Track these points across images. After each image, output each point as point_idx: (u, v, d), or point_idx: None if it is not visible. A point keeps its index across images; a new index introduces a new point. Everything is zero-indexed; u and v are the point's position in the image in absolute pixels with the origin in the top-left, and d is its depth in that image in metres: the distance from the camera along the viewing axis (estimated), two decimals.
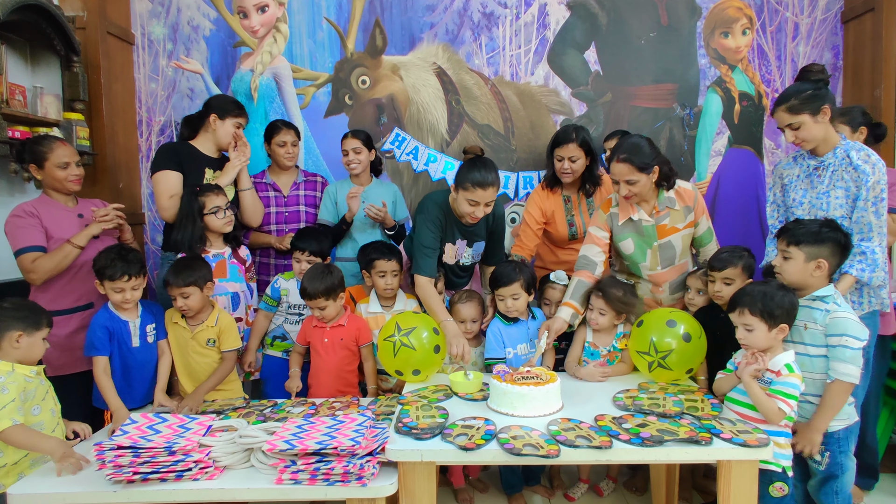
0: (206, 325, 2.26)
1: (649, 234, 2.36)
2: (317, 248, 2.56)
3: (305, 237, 2.60)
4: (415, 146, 3.41)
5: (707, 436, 1.69)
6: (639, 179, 2.22)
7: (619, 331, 2.35)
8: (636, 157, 2.21)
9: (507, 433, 1.73)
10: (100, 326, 2.11)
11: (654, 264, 2.40)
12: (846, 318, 1.86)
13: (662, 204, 2.34)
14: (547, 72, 3.39)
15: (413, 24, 3.37)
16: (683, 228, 2.37)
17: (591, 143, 2.67)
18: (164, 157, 2.63)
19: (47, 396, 1.89)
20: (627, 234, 2.38)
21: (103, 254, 2.14)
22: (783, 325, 1.85)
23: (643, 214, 2.34)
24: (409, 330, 2.18)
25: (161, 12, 3.34)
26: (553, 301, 2.49)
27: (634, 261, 2.42)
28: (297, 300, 2.52)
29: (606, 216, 2.42)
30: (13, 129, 2.49)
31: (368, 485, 1.61)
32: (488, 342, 2.40)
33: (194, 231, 2.41)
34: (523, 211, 2.88)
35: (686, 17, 3.36)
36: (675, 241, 2.37)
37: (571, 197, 2.78)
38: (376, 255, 2.48)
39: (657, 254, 2.38)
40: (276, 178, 2.95)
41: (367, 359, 2.43)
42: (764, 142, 3.40)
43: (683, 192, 2.36)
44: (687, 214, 2.36)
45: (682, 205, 2.35)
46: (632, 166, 2.21)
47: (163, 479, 1.61)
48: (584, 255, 2.42)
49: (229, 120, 2.70)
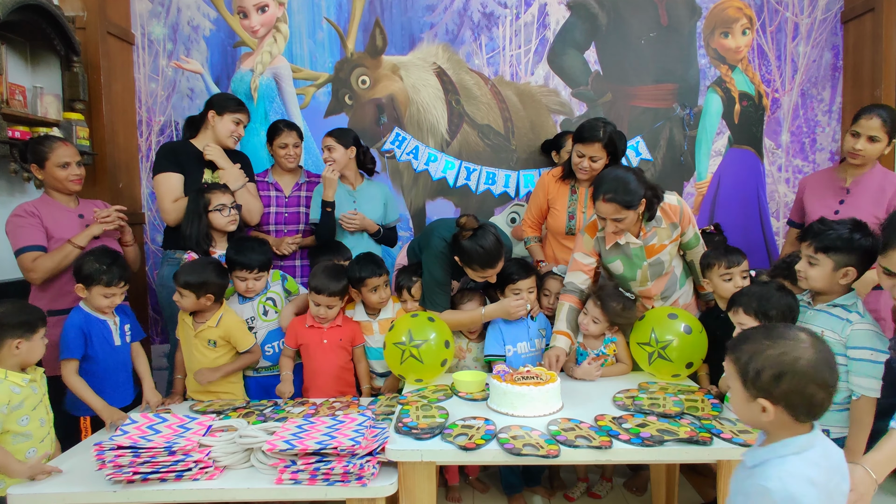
0: (207, 325, 2.24)
1: (638, 255, 2.32)
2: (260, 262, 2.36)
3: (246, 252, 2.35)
4: (415, 146, 3.41)
5: (707, 436, 1.69)
6: (626, 216, 2.16)
7: (607, 337, 2.35)
8: (622, 195, 2.11)
9: (507, 433, 1.73)
10: (74, 328, 2.06)
11: (644, 281, 2.37)
12: (869, 331, 1.73)
13: (649, 225, 2.29)
14: (547, 72, 3.39)
15: (413, 24, 3.37)
16: (670, 243, 2.33)
17: (616, 142, 2.50)
18: (163, 158, 2.63)
19: (39, 406, 1.82)
20: (616, 256, 2.35)
21: (91, 259, 2.09)
22: None
23: (630, 238, 2.28)
24: (420, 342, 2.13)
25: (161, 12, 3.34)
26: (553, 292, 2.51)
27: (625, 279, 2.38)
28: (243, 315, 2.38)
29: (593, 241, 2.37)
30: (13, 129, 2.49)
31: (368, 485, 1.61)
32: (488, 339, 2.39)
33: (200, 228, 2.42)
34: (530, 195, 2.86)
35: (686, 17, 3.36)
36: (664, 256, 2.34)
37: (579, 189, 2.68)
38: (366, 274, 2.35)
39: (647, 272, 2.35)
40: (279, 178, 2.94)
41: (360, 360, 2.43)
42: (764, 142, 3.40)
43: (669, 209, 2.30)
44: (673, 231, 2.32)
45: (668, 222, 2.30)
46: (618, 206, 2.12)
47: (163, 479, 1.61)
48: (569, 281, 2.38)
49: (227, 116, 2.68)
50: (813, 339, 1.14)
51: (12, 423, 1.73)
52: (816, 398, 1.11)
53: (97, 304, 2.10)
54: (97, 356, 2.10)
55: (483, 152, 3.41)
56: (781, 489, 1.08)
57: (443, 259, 2.37)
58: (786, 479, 1.09)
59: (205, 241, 2.44)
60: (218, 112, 2.68)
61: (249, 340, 2.29)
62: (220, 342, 2.26)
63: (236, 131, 2.74)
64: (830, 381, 1.11)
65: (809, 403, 1.11)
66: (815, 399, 1.11)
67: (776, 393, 1.11)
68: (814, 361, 1.10)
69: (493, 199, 3.40)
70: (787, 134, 3.38)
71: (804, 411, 1.12)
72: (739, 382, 1.16)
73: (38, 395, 1.82)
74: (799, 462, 1.11)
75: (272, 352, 2.40)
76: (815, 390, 1.10)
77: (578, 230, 2.64)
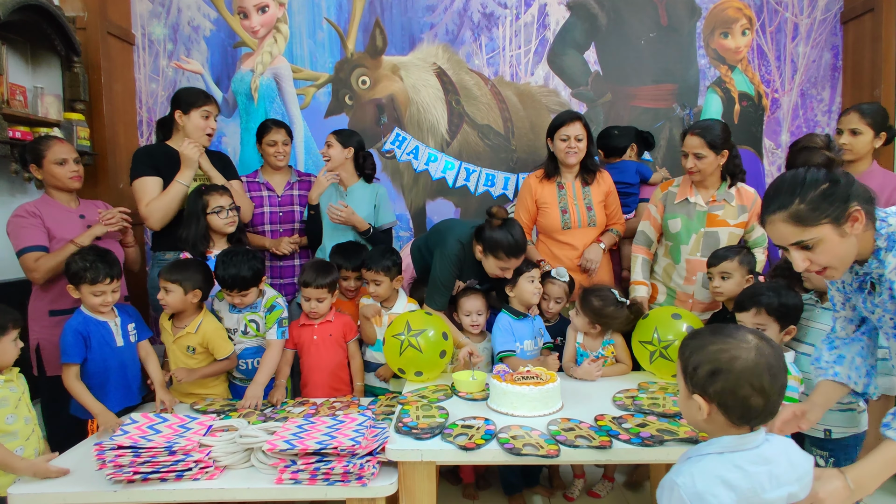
0: (186, 330, 2.21)
1: (699, 218, 2.44)
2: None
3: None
4: (415, 146, 3.41)
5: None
6: (707, 156, 2.35)
7: (605, 339, 2.35)
8: (709, 133, 2.33)
9: (507, 433, 1.73)
10: (73, 332, 2.03)
11: (695, 250, 2.45)
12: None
13: (720, 195, 2.44)
14: (547, 72, 3.39)
15: (413, 25, 3.37)
16: (734, 226, 2.42)
17: (589, 128, 2.66)
18: (139, 163, 2.55)
19: (20, 404, 1.80)
20: (678, 213, 2.48)
21: (77, 257, 2.07)
22: (791, 327, 1.84)
23: (699, 199, 2.44)
24: (418, 331, 2.17)
25: (161, 12, 3.35)
26: (552, 297, 2.50)
27: (678, 241, 2.49)
28: (229, 323, 2.35)
29: (662, 195, 2.56)
30: (14, 130, 2.49)
31: (368, 485, 1.61)
32: (499, 336, 2.37)
33: (198, 229, 2.41)
34: (516, 200, 2.85)
35: (686, 17, 3.36)
36: (722, 234, 2.43)
37: (566, 184, 2.70)
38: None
39: (701, 240, 2.44)
40: (270, 178, 2.94)
41: (354, 355, 2.44)
42: (764, 142, 3.40)
43: (744, 192, 2.45)
44: (741, 213, 2.43)
45: (738, 202, 2.43)
46: (703, 141, 2.33)
47: (163, 479, 1.61)
48: (642, 230, 2.61)
49: (194, 112, 2.56)
50: (760, 342, 1.11)
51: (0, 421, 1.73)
52: (751, 401, 1.08)
53: (90, 304, 2.08)
54: (97, 358, 2.08)
55: (483, 152, 3.41)
56: (690, 485, 1.07)
57: (455, 261, 2.43)
58: (696, 477, 1.07)
59: (202, 242, 2.43)
60: (184, 111, 2.56)
61: (227, 349, 2.26)
62: (199, 349, 2.24)
63: (207, 126, 2.59)
64: (768, 388, 1.08)
65: (744, 406, 1.08)
66: (749, 402, 1.08)
67: (710, 391, 1.10)
68: (751, 364, 1.07)
69: (492, 201, 3.40)
70: (787, 134, 3.38)
71: (738, 414, 1.10)
72: (682, 378, 1.16)
73: (16, 394, 1.80)
74: (716, 462, 1.10)
75: (245, 367, 2.36)
76: (750, 393, 1.07)
77: (574, 223, 2.66)
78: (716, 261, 2.23)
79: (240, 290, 2.21)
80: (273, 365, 2.26)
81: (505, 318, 2.41)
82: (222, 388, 2.36)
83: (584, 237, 2.68)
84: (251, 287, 2.23)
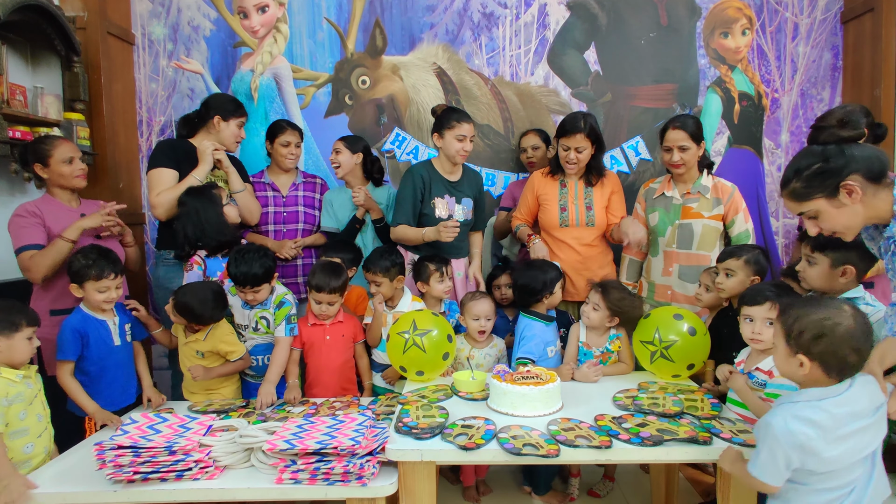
0: (195, 337, 2.24)
1: (675, 211, 2.58)
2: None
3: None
4: (415, 146, 3.41)
5: (707, 435, 1.69)
6: (690, 147, 2.48)
7: (612, 333, 2.35)
8: (689, 125, 2.48)
9: (507, 433, 1.73)
10: (71, 329, 2.04)
11: (671, 241, 2.58)
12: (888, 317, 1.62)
13: (696, 188, 2.56)
14: (547, 72, 3.39)
15: (413, 25, 3.37)
16: (708, 218, 2.53)
17: (598, 131, 2.63)
18: (160, 153, 2.61)
19: (35, 401, 1.82)
20: (657, 207, 2.63)
21: (79, 255, 2.09)
22: None
23: (676, 193, 2.59)
24: (423, 331, 2.16)
25: (161, 12, 3.35)
26: (502, 283, 2.66)
27: (656, 234, 2.62)
28: (241, 319, 2.38)
29: (645, 191, 2.71)
30: (13, 130, 2.49)
31: (368, 484, 1.61)
32: (531, 340, 2.30)
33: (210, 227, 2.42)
34: (521, 194, 2.87)
35: (686, 17, 3.36)
36: (696, 226, 2.54)
37: (569, 183, 2.72)
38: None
39: (675, 231, 2.57)
40: (276, 179, 2.95)
41: (361, 356, 2.47)
42: (764, 142, 3.40)
43: (720, 186, 2.57)
44: (715, 206, 2.54)
45: (713, 195, 2.55)
46: (686, 133, 2.47)
47: (163, 479, 1.61)
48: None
49: (233, 121, 2.70)
50: (855, 311, 1.32)
51: (12, 418, 1.74)
52: (849, 360, 1.31)
53: (94, 301, 2.09)
54: (94, 356, 2.10)
55: (483, 152, 3.41)
56: (782, 424, 1.32)
57: (416, 179, 2.68)
58: (788, 418, 1.31)
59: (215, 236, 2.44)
60: (224, 118, 2.68)
61: (239, 351, 2.27)
62: (208, 354, 2.25)
63: (240, 135, 2.76)
64: (863, 348, 1.31)
65: (842, 364, 1.31)
66: (847, 360, 1.31)
67: (814, 351, 1.32)
68: (852, 329, 1.29)
69: (493, 200, 3.40)
70: (787, 134, 3.38)
71: (836, 370, 1.32)
72: (783, 340, 1.37)
73: (32, 391, 1.82)
74: (806, 407, 1.32)
75: (257, 363, 2.37)
76: (849, 353, 1.30)
77: (572, 221, 2.69)
78: (724, 257, 2.23)
79: (252, 286, 2.23)
80: (283, 362, 2.27)
81: (538, 325, 2.34)
82: (235, 386, 2.37)
83: (581, 236, 2.71)
84: (263, 284, 2.26)
